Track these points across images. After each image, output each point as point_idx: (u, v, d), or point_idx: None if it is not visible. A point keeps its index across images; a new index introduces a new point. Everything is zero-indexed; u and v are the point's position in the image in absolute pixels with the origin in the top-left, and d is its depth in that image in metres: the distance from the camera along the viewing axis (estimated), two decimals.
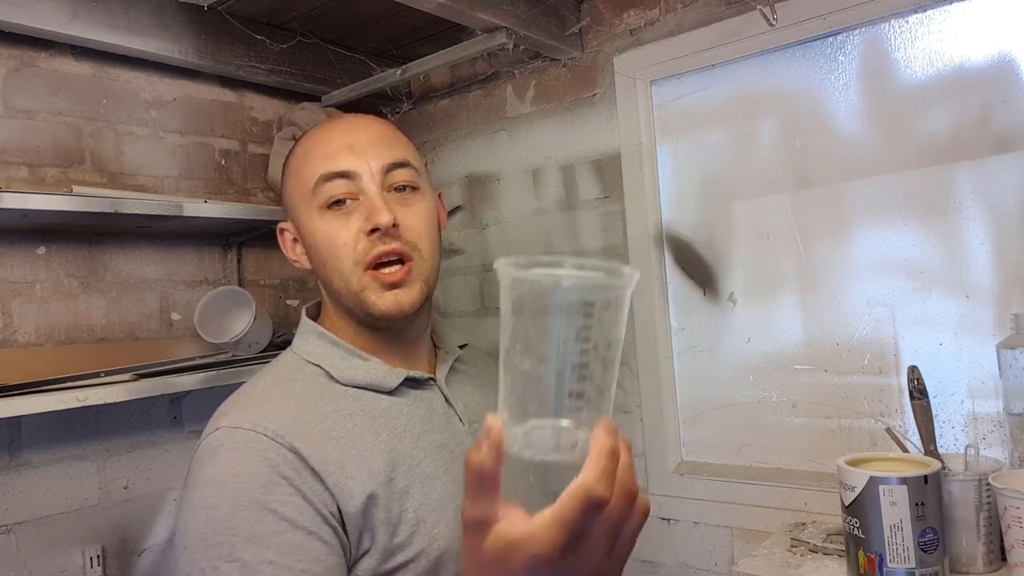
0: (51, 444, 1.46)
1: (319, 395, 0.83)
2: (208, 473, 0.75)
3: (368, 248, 0.84)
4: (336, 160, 0.85)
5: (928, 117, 1.30)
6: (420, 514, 0.80)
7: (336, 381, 0.85)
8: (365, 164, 0.85)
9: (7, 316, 1.43)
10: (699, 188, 1.58)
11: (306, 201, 0.87)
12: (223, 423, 0.78)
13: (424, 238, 0.87)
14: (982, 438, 1.25)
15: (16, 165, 1.45)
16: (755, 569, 1.18)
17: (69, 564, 1.45)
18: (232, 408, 0.81)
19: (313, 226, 0.87)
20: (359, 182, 0.85)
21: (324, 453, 0.77)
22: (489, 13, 1.48)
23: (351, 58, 1.87)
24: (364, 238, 0.84)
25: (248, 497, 0.72)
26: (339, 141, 0.87)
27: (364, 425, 0.82)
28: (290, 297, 1.91)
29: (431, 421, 0.88)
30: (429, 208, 0.90)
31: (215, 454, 0.76)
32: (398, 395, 0.87)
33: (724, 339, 1.55)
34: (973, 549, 1.08)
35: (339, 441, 0.79)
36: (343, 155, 0.85)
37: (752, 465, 1.51)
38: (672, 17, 1.57)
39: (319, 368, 0.86)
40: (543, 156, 1.80)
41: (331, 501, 0.75)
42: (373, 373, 0.86)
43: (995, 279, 1.25)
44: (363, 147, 0.86)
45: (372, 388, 0.86)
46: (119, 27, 1.50)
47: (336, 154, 0.86)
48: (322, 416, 0.81)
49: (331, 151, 0.86)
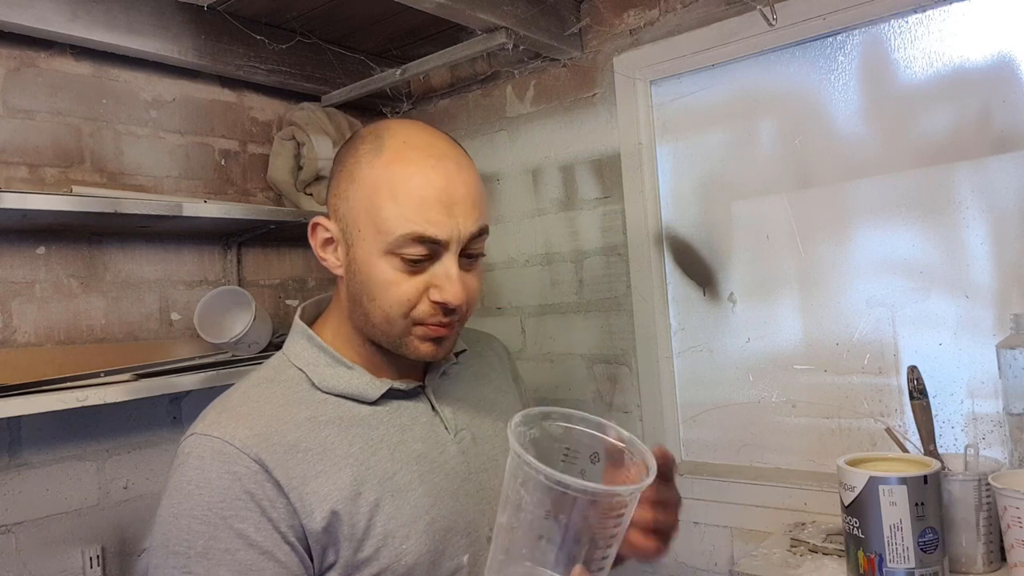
0: (51, 444, 1.46)
1: (298, 401, 0.83)
2: (176, 481, 0.76)
3: (428, 312, 0.81)
4: (433, 223, 0.78)
5: (928, 117, 1.30)
6: (389, 528, 0.78)
7: (317, 388, 0.84)
8: (456, 231, 0.79)
9: (7, 316, 1.43)
10: (699, 188, 1.58)
11: (377, 236, 0.80)
12: (197, 428, 0.79)
13: (476, 300, 0.86)
14: (982, 438, 1.25)
15: (16, 165, 1.45)
16: (755, 569, 1.18)
17: (69, 564, 1.45)
18: (210, 412, 0.81)
19: (375, 264, 0.81)
20: (444, 247, 0.80)
21: (290, 466, 0.76)
22: (489, 13, 1.47)
23: (351, 58, 1.87)
24: (427, 302, 0.81)
25: (208, 511, 0.73)
26: (440, 193, 0.79)
27: (338, 435, 0.81)
28: (290, 297, 1.91)
29: (412, 431, 0.86)
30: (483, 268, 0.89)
31: (184, 462, 0.76)
32: (379, 404, 0.86)
33: (724, 339, 1.55)
34: (973, 549, 1.08)
35: (307, 453, 0.78)
36: (440, 216, 0.79)
37: (752, 465, 1.51)
38: (672, 17, 1.57)
39: (302, 373, 0.85)
40: (543, 156, 1.80)
41: (293, 516, 0.75)
42: (355, 383, 0.85)
43: (995, 279, 1.25)
44: (460, 207, 0.80)
45: (352, 397, 0.85)
46: (119, 27, 1.50)
47: (431, 212, 0.78)
48: (296, 424, 0.80)
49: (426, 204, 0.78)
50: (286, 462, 0.76)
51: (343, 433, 0.82)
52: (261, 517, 0.74)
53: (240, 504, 0.74)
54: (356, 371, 0.86)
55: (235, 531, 0.73)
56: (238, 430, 0.77)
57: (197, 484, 0.74)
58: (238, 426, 0.77)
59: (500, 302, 1.90)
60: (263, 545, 0.73)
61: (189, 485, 0.75)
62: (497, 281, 1.90)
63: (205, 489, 0.74)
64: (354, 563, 0.77)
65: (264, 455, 0.76)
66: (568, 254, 1.76)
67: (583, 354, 1.74)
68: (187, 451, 0.77)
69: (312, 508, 0.76)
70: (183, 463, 0.76)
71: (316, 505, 0.76)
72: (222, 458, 0.75)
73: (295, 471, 0.76)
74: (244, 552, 0.72)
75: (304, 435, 0.79)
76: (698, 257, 1.59)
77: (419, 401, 0.90)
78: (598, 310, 1.71)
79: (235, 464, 0.75)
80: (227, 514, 0.73)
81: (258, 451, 0.76)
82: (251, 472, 0.75)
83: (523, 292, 1.85)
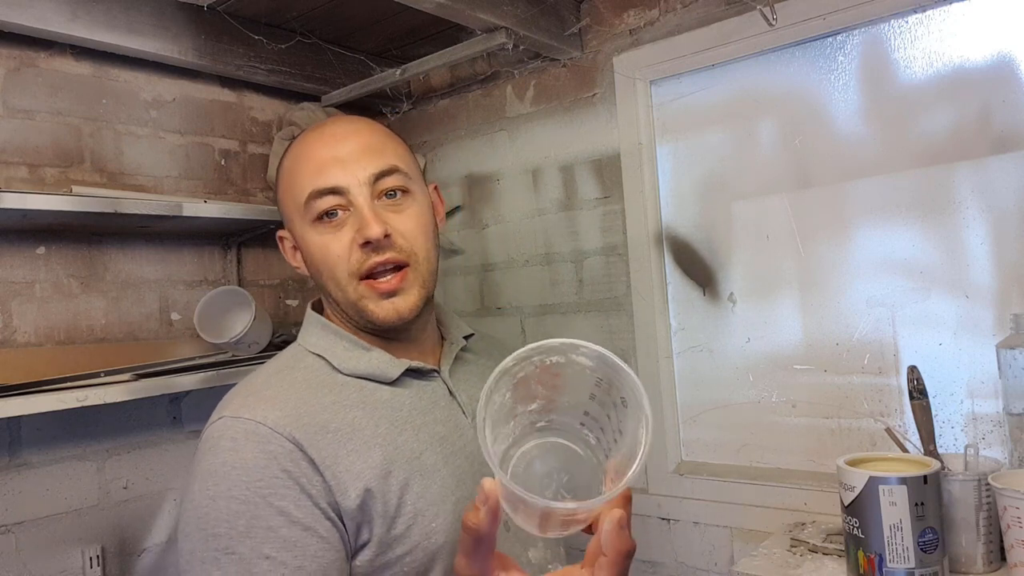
0: (51, 444, 1.46)
1: (320, 385, 0.84)
2: (209, 464, 0.76)
3: (362, 260, 0.85)
4: (324, 175, 0.85)
5: (928, 117, 1.30)
6: (418, 507, 0.80)
7: (338, 371, 0.86)
8: (352, 176, 0.85)
9: (7, 316, 1.43)
10: (699, 188, 1.58)
11: (299, 214, 0.87)
12: (225, 413, 0.79)
13: (419, 241, 0.88)
14: (982, 438, 1.25)
15: (16, 165, 1.45)
16: (755, 569, 1.18)
17: (69, 564, 1.45)
18: (235, 398, 0.82)
19: (308, 238, 0.87)
20: (348, 195, 0.85)
21: (322, 446, 0.78)
22: (489, 13, 1.47)
23: (351, 58, 1.87)
24: (357, 250, 0.84)
25: (247, 490, 0.73)
26: (326, 154, 0.86)
27: (364, 417, 0.83)
28: (290, 297, 1.91)
29: (433, 413, 0.88)
30: (422, 210, 0.90)
31: (216, 444, 0.76)
32: (400, 386, 0.88)
33: (724, 339, 1.55)
34: (973, 549, 1.08)
35: (337, 434, 0.79)
36: (330, 169, 0.85)
37: (752, 465, 1.51)
38: (672, 17, 1.57)
39: (322, 359, 0.87)
40: (543, 156, 1.80)
41: (330, 494, 0.76)
42: (375, 363, 0.87)
43: (995, 279, 1.25)
44: (350, 158, 0.86)
45: (374, 378, 0.86)
46: (119, 27, 1.50)
47: (323, 169, 0.85)
48: (322, 407, 0.81)
49: (318, 165, 0.86)
50: (318, 442, 0.78)
51: (369, 415, 0.83)
52: (301, 494, 0.74)
53: (278, 482, 0.74)
54: (375, 352, 0.88)
55: (276, 508, 0.73)
56: (269, 412, 0.78)
57: (233, 465, 0.74)
58: (268, 408, 0.78)
59: (500, 302, 1.90)
60: (305, 521, 0.74)
61: (225, 467, 0.74)
62: (497, 281, 1.90)
63: (241, 470, 0.74)
64: (387, 540, 0.78)
65: (297, 434, 0.77)
66: (568, 254, 1.76)
67: None
68: (217, 435, 0.77)
69: (346, 486, 0.77)
70: (214, 446, 0.76)
71: (350, 483, 0.77)
72: (256, 438, 0.76)
73: (327, 450, 0.78)
74: (287, 529, 0.73)
75: (332, 416, 0.81)
76: (698, 257, 1.59)
77: (437, 385, 0.91)
78: (598, 310, 1.71)
79: (269, 443, 0.75)
80: (266, 492, 0.73)
81: (291, 430, 0.77)
82: (286, 451, 0.75)
83: (523, 292, 1.85)
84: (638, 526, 1.62)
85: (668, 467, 1.59)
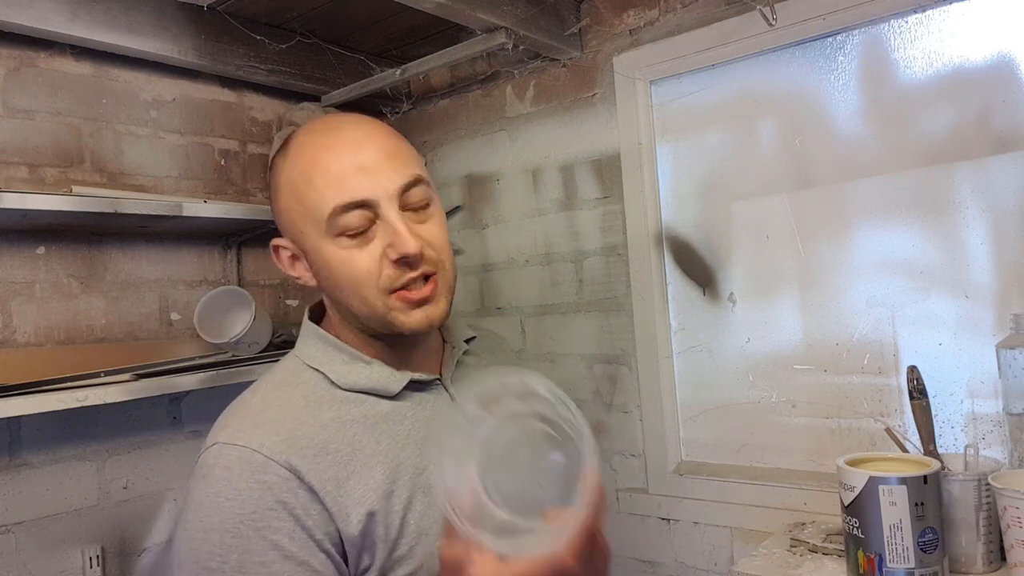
0: (51, 444, 1.46)
1: (319, 402, 0.82)
2: (202, 492, 0.74)
3: (394, 276, 0.80)
4: (349, 187, 0.79)
5: (928, 117, 1.30)
6: (422, 526, 0.78)
7: (337, 386, 0.83)
8: (381, 188, 0.79)
9: (7, 316, 1.43)
10: (699, 188, 1.58)
11: (316, 227, 0.81)
12: (219, 438, 0.77)
13: (444, 250, 0.85)
14: (982, 438, 1.25)
15: (16, 165, 1.45)
16: (755, 569, 1.18)
17: (69, 564, 1.45)
18: (230, 420, 0.79)
19: (325, 252, 0.82)
20: (377, 208, 0.80)
21: (322, 469, 0.75)
22: (489, 13, 1.48)
23: (351, 58, 1.87)
24: (389, 265, 0.80)
25: (240, 523, 0.71)
26: (345, 162, 0.80)
27: (364, 433, 0.81)
28: (290, 297, 1.91)
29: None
30: (442, 217, 0.87)
31: (209, 473, 0.74)
32: (401, 399, 0.85)
33: (724, 339, 1.55)
34: (973, 549, 1.08)
35: (337, 455, 0.77)
36: (354, 180, 0.79)
37: (752, 465, 1.51)
38: (672, 17, 1.57)
39: (320, 373, 0.84)
40: (543, 156, 1.80)
41: (329, 522, 0.74)
42: (376, 377, 0.84)
43: (995, 279, 1.25)
44: (374, 167, 0.80)
45: (374, 393, 0.84)
46: (119, 27, 1.50)
47: (346, 180, 0.79)
48: (321, 425, 0.79)
49: (339, 175, 0.79)
50: (317, 465, 0.75)
51: (370, 431, 0.81)
52: (295, 526, 0.72)
53: (273, 515, 0.72)
54: (375, 365, 0.85)
55: (270, 542, 0.71)
56: (265, 437, 0.75)
57: (226, 496, 0.72)
58: (264, 433, 0.76)
59: (500, 302, 1.90)
60: (299, 556, 0.72)
61: (218, 497, 0.72)
62: (497, 281, 1.90)
63: (235, 501, 0.72)
64: (389, 564, 0.76)
65: (295, 460, 0.74)
66: (568, 254, 1.76)
67: (583, 354, 1.74)
68: (211, 462, 0.75)
69: (348, 512, 0.75)
70: (207, 474, 0.74)
71: (352, 508, 0.75)
72: (251, 467, 0.73)
73: (327, 474, 0.75)
74: (280, 564, 0.71)
75: (332, 436, 0.78)
76: (698, 257, 1.59)
77: (439, 395, 0.89)
78: (598, 310, 1.71)
79: (265, 473, 0.73)
80: (260, 525, 0.71)
81: (288, 457, 0.74)
82: (282, 480, 0.73)
83: (523, 292, 1.85)
84: (638, 526, 1.63)
85: (668, 467, 1.59)
